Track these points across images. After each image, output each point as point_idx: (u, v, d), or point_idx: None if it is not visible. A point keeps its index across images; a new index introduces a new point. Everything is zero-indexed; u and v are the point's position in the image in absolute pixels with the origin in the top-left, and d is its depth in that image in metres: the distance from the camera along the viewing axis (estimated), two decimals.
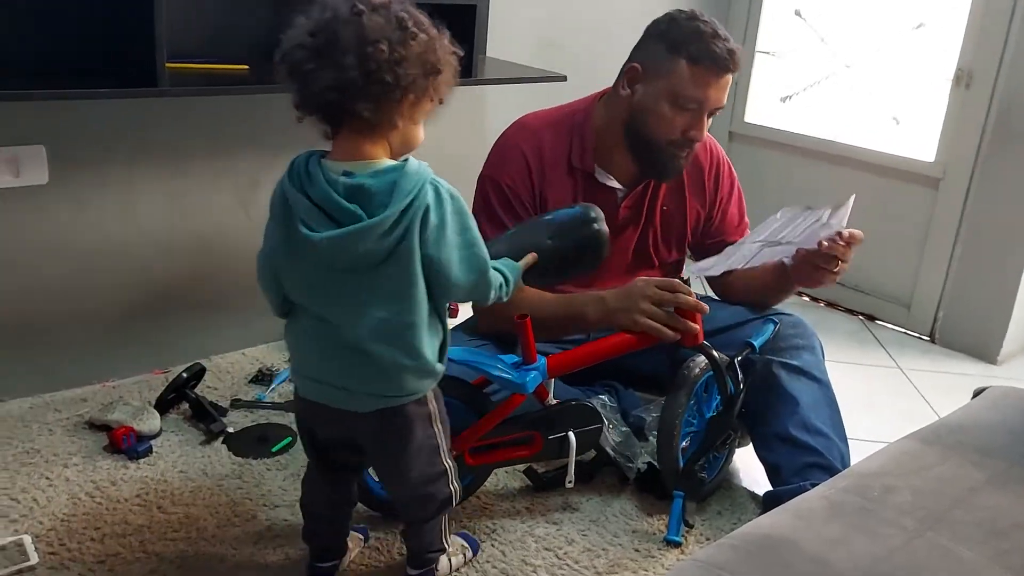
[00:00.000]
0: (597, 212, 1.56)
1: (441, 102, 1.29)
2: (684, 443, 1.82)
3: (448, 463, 1.44)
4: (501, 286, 1.39)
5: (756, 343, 1.81)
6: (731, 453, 1.94)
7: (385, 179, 1.23)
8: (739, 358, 1.78)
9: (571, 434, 1.71)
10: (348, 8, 1.19)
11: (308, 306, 1.32)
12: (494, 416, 1.62)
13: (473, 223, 1.31)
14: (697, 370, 1.77)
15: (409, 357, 1.30)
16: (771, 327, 1.87)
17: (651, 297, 1.65)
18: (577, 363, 1.69)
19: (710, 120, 1.79)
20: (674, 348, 1.70)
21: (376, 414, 1.34)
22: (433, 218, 1.24)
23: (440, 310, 1.35)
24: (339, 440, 1.43)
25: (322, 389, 1.35)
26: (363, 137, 1.25)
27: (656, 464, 1.83)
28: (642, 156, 1.83)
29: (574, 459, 1.73)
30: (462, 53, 1.30)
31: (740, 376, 1.76)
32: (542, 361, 1.62)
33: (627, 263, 1.94)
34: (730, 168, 1.99)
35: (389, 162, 1.26)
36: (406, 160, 1.26)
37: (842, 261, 1.74)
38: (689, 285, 1.67)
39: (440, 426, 1.42)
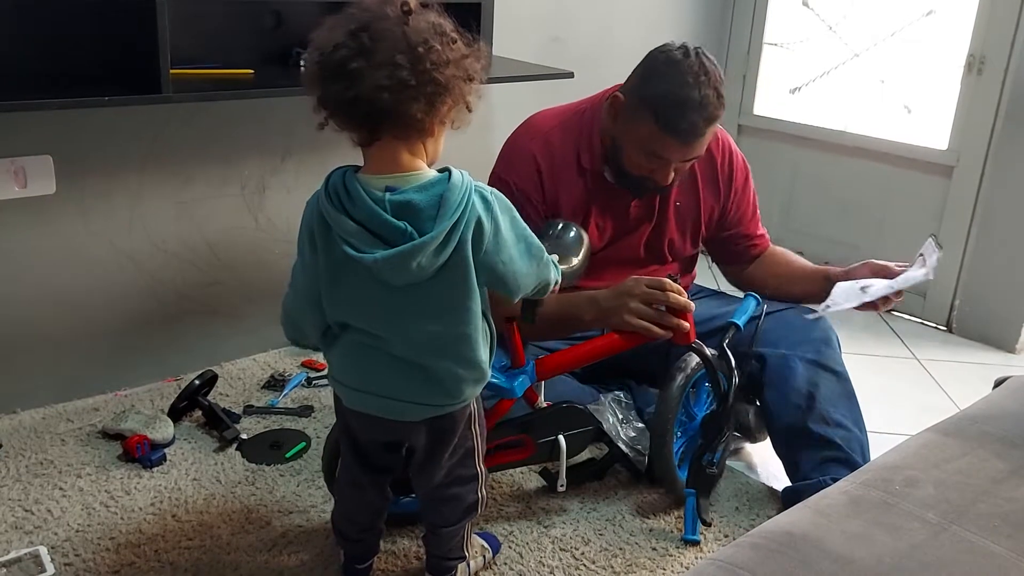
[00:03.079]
0: (560, 219, 1.67)
1: (470, 110, 1.25)
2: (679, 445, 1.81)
3: (480, 468, 1.43)
4: (556, 269, 1.38)
5: (740, 321, 1.79)
6: (728, 445, 1.91)
7: (431, 193, 1.19)
8: (727, 341, 1.75)
9: (561, 437, 1.69)
10: (396, 8, 1.17)
11: (355, 324, 1.28)
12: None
13: (518, 214, 1.29)
14: (689, 370, 1.74)
15: (466, 367, 1.29)
16: (753, 303, 1.84)
17: (641, 296, 1.64)
18: (566, 365, 1.68)
19: (687, 165, 1.77)
20: (667, 346, 1.68)
21: (427, 420, 1.33)
22: (487, 226, 1.22)
23: (488, 314, 1.33)
24: (381, 445, 1.41)
25: (372, 400, 1.33)
26: (403, 145, 1.21)
27: None
28: (618, 174, 1.81)
29: (565, 462, 1.71)
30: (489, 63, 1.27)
31: (732, 362, 1.72)
32: (530, 364, 1.61)
33: (640, 259, 1.92)
34: (743, 160, 1.98)
35: (432, 173, 1.23)
36: (447, 170, 1.22)
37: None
38: (677, 283, 1.65)
39: (477, 428, 1.41)
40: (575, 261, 1.56)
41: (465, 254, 1.21)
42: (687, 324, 1.64)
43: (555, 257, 1.44)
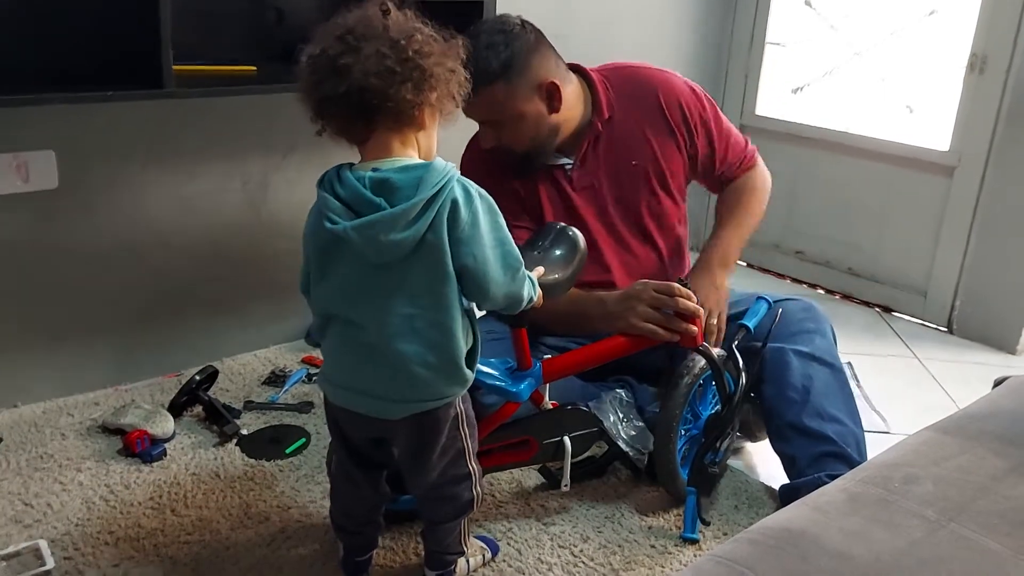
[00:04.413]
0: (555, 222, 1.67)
1: (457, 105, 1.31)
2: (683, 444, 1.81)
3: (473, 467, 1.44)
4: (532, 287, 1.39)
5: (751, 324, 1.79)
6: (732, 445, 1.91)
7: (412, 174, 1.24)
8: (736, 343, 1.75)
9: (566, 439, 1.69)
10: (376, 7, 1.25)
11: (338, 312, 1.32)
12: (488, 423, 1.58)
13: (503, 222, 1.31)
14: (696, 370, 1.74)
15: (435, 355, 1.29)
16: (764, 305, 1.84)
17: (648, 300, 1.65)
18: (573, 367, 1.68)
19: (520, 132, 1.79)
20: (671, 345, 1.68)
21: (408, 419, 1.34)
22: (464, 215, 1.25)
23: (471, 315, 1.34)
24: (370, 441, 1.43)
25: (354, 397, 1.35)
26: (395, 136, 1.27)
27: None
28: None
29: (569, 463, 1.71)
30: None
31: (741, 364, 1.72)
32: (537, 366, 1.61)
33: (622, 235, 1.93)
34: (698, 95, 1.94)
35: (417, 160, 1.29)
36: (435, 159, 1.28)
37: None
38: (688, 287, 1.66)
39: (467, 429, 1.41)
40: (564, 273, 1.56)
41: (440, 235, 1.24)
42: (695, 328, 1.64)
43: (539, 271, 1.46)
